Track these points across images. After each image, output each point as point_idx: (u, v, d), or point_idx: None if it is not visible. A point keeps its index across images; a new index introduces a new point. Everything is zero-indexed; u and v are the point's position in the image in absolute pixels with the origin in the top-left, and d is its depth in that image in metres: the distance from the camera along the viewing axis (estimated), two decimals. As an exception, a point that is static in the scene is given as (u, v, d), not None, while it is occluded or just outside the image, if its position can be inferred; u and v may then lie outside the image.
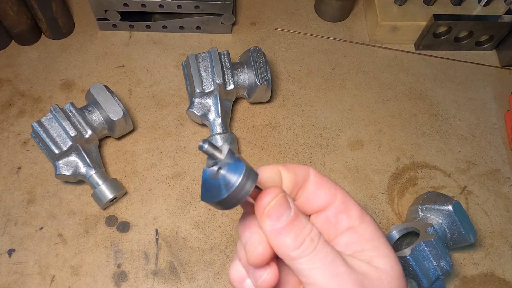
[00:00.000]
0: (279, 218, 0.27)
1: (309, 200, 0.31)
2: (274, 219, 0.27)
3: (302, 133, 0.67)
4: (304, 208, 0.31)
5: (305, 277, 0.27)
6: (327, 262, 0.27)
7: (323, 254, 0.27)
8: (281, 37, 0.76)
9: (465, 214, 0.53)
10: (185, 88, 0.68)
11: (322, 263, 0.26)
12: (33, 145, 0.63)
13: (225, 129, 0.61)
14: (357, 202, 0.31)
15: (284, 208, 0.27)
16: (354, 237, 0.30)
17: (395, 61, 0.75)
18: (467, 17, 0.71)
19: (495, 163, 0.66)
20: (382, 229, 0.60)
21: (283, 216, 0.27)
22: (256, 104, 0.68)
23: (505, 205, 0.63)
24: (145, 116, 0.66)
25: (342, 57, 0.74)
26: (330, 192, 0.31)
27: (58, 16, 0.68)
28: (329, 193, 0.31)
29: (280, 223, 0.27)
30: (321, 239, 0.27)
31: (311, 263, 0.27)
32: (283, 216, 0.27)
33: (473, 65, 0.75)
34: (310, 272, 0.27)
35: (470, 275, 0.58)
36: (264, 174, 0.29)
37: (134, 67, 0.71)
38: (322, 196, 0.30)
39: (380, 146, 0.66)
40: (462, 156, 0.67)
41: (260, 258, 0.28)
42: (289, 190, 0.30)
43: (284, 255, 0.27)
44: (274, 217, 0.27)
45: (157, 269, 0.56)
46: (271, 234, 0.27)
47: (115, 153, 0.63)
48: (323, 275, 0.26)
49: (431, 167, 0.65)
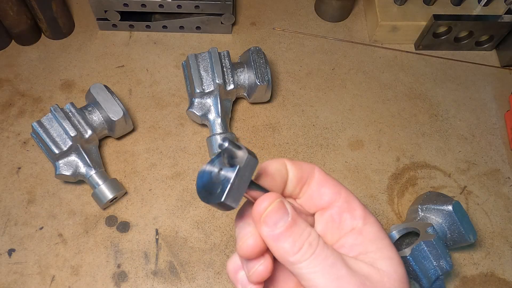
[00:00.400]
0: (276, 224, 0.27)
1: (313, 198, 0.31)
2: (271, 225, 0.27)
3: (302, 133, 0.67)
4: (308, 205, 0.31)
5: (306, 281, 0.27)
6: (327, 265, 0.27)
7: (323, 258, 0.27)
8: (281, 37, 0.76)
9: (465, 214, 0.53)
10: (185, 88, 0.68)
11: (322, 267, 0.26)
12: (33, 145, 0.63)
13: (225, 129, 0.61)
14: (361, 202, 0.31)
15: (281, 213, 0.27)
16: (358, 238, 0.29)
17: (395, 61, 0.75)
18: (467, 17, 0.71)
19: (495, 163, 0.66)
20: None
21: (280, 221, 0.27)
22: (256, 104, 0.68)
23: (505, 205, 0.63)
24: (145, 116, 0.66)
25: (342, 57, 0.74)
26: (334, 190, 0.31)
27: (58, 16, 0.68)
28: (333, 191, 0.31)
29: (277, 229, 0.27)
30: (320, 242, 0.27)
31: (310, 267, 0.26)
32: (280, 221, 0.27)
33: (473, 65, 0.75)
34: (311, 276, 0.26)
35: (470, 275, 0.58)
36: (271, 166, 0.29)
37: (134, 67, 0.71)
38: (326, 193, 0.31)
39: (380, 146, 0.66)
40: (462, 156, 0.67)
41: (250, 250, 0.28)
42: (294, 185, 0.30)
43: (283, 260, 0.27)
44: (271, 223, 0.27)
45: (157, 269, 0.56)
46: (269, 240, 0.27)
47: (115, 153, 0.63)
48: (323, 279, 0.26)
49: (431, 167, 0.65)
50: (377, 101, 0.70)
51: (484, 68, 0.75)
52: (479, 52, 0.77)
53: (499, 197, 0.64)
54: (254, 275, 0.28)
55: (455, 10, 0.73)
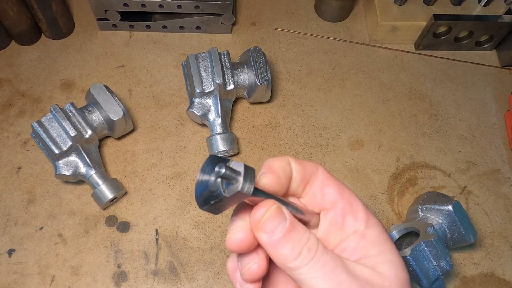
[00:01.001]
0: (274, 231, 0.27)
1: (316, 197, 0.31)
2: (269, 232, 0.27)
3: (302, 133, 0.67)
4: (311, 205, 0.31)
5: (307, 287, 0.27)
6: (327, 270, 0.26)
7: (322, 263, 0.27)
8: (281, 37, 0.76)
9: (465, 214, 0.53)
10: (185, 88, 0.68)
11: (322, 272, 0.26)
12: (33, 145, 0.63)
13: (225, 129, 0.61)
14: (363, 203, 0.31)
15: (279, 220, 0.27)
16: (361, 242, 0.29)
17: (395, 61, 0.75)
18: (467, 17, 0.71)
19: (495, 163, 0.66)
20: (382, 229, 0.60)
21: (278, 228, 0.27)
22: (256, 104, 0.68)
23: (505, 205, 0.63)
24: (145, 116, 0.66)
25: (342, 57, 0.74)
26: (337, 190, 0.30)
27: (58, 16, 0.68)
28: (336, 191, 0.30)
29: (275, 235, 0.27)
30: (319, 247, 0.27)
31: (310, 272, 0.26)
32: (278, 228, 0.27)
33: (473, 65, 0.75)
34: (311, 282, 0.26)
35: (470, 275, 0.58)
36: (276, 164, 0.29)
37: (133, 67, 0.71)
38: (329, 193, 0.30)
39: (380, 146, 0.66)
40: (462, 156, 0.67)
41: (238, 244, 0.28)
42: (297, 183, 0.30)
43: (283, 266, 0.27)
44: (269, 230, 0.27)
45: (157, 269, 0.56)
46: (268, 246, 0.27)
47: (115, 153, 0.63)
48: (324, 284, 0.26)
49: (430, 167, 0.65)
50: (377, 101, 0.70)
51: (484, 68, 0.75)
52: (479, 52, 0.77)
53: (499, 197, 0.64)
54: (247, 273, 0.28)
55: (455, 10, 0.73)
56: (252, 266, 0.28)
